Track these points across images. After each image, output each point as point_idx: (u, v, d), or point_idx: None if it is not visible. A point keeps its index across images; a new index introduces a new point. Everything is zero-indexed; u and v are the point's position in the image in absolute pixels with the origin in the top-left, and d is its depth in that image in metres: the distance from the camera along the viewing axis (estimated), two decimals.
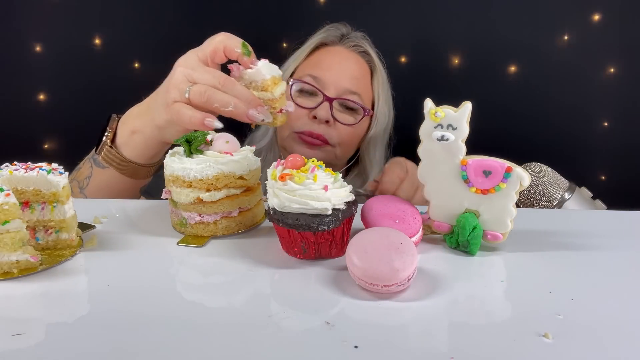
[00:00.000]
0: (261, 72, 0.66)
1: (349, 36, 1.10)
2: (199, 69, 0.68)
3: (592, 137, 1.35)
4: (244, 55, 0.66)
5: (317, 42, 1.08)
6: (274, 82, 0.67)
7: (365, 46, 1.09)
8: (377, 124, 1.08)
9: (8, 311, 0.44)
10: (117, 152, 0.78)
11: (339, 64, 1.04)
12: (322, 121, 1.00)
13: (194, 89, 0.66)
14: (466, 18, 1.30)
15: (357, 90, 1.03)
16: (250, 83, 0.67)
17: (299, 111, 1.01)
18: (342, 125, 1.02)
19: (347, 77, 1.03)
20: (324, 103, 0.99)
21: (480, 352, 0.38)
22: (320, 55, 1.07)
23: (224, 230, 0.61)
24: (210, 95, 0.65)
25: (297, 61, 1.08)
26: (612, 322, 0.42)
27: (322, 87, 1.01)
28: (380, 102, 1.08)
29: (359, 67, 1.06)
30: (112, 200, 0.76)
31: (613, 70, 1.30)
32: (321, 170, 0.54)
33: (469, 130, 0.53)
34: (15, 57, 1.34)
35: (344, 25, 1.12)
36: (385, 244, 0.47)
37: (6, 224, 0.48)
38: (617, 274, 0.51)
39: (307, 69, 1.05)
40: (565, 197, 0.87)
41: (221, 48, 0.68)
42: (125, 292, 0.48)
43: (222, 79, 0.66)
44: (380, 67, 1.10)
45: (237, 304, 0.45)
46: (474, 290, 0.48)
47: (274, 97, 0.67)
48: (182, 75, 0.68)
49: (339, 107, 1.03)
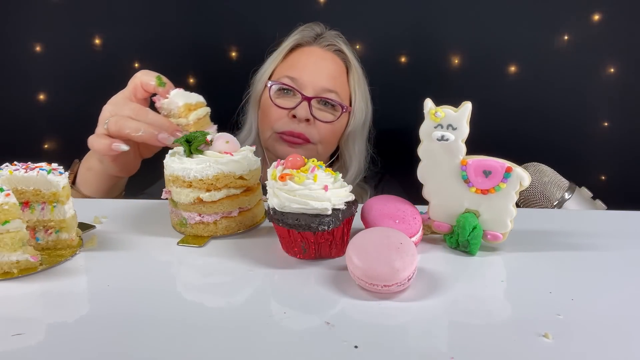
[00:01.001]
0: (174, 101, 0.74)
1: (323, 35, 1.12)
2: (120, 104, 0.76)
3: (592, 137, 1.34)
4: (158, 87, 0.74)
5: (293, 44, 1.10)
6: (188, 108, 0.74)
7: (339, 45, 1.11)
8: (354, 119, 1.11)
9: (8, 311, 0.44)
10: (78, 191, 0.84)
11: (314, 64, 1.06)
12: (301, 120, 1.01)
13: (110, 120, 0.74)
14: (466, 18, 1.30)
15: (334, 89, 1.05)
16: (170, 111, 0.75)
17: (279, 112, 1.03)
18: (322, 123, 1.04)
19: (323, 76, 1.05)
20: (303, 102, 1.01)
21: (480, 352, 0.38)
22: (296, 56, 1.09)
23: (224, 230, 0.61)
24: (122, 124, 0.72)
25: (274, 63, 1.10)
26: (612, 322, 0.42)
27: (300, 87, 1.03)
28: (357, 98, 1.10)
29: (335, 66, 1.09)
30: (112, 200, 0.76)
31: (613, 70, 1.30)
32: (321, 170, 0.54)
33: (469, 130, 0.53)
34: (15, 57, 1.34)
35: (318, 24, 1.14)
36: (385, 244, 0.47)
37: (6, 224, 0.48)
38: (617, 274, 0.51)
39: (284, 71, 1.07)
40: (565, 197, 0.87)
41: (139, 84, 0.75)
42: (125, 292, 0.48)
43: (136, 109, 0.74)
44: (356, 64, 1.12)
45: (237, 304, 0.45)
46: (474, 290, 0.48)
47: (188, 122, 0.75)
48: (107, 112, 0.76)
49: (318, 105, 1.05)
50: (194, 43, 1.34)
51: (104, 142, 0.73)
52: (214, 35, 1.34)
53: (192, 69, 1.36)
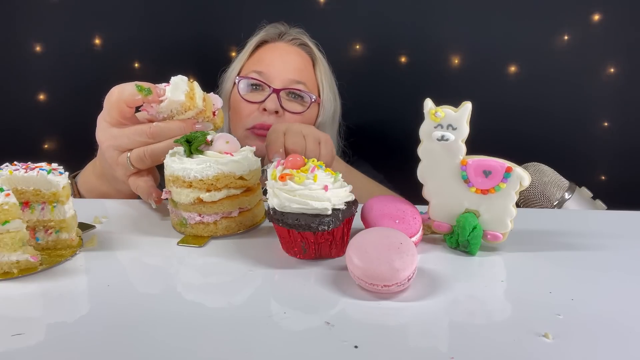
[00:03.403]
0: (174, 100, 0.64)
1: (287, 32, 1.15)
2: (120, 136, 0.66)
3: (592, 137, 1.35)
4: (147, 97, 0.64)
5: (258, 41, 1.13)
6: (190, 96, 0.65)
7: (304, 39, 1.14)
8: (324, 110, 1.13)
9: (8, 311, 0.44)
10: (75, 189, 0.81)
11: (280, 57, 1.09)
12: (271, 112, 1.03)
13: (132, 158, 0.66)
14: (466, 18, 1.30)
15: (301, 80, 1.07)
16: (171, 111, 0.66)
17: (249, 107, 1.05)
18: (292, 115, 1.06)
19: (290, 69, 1.07)
20: (272, 95, 1.03)
21: (480, 352, 0.38)
22: (262, 52, 1.12)
23: (224, 230, 0.61)
24: (151, 154, 0.65)
25: (241, 61, 1.12)
26: (612, 322, 0.42)
27: (268, 80, 1.05)
28: (325, 90, 1.13)
29: (300, 59, 1.11)
30: (112, 200, 0.76)
31: (613, 70, 1.30)
32: (321, 170, 0.54)
33: (469, 130, 0.53)
34: (15, 57, 1.34)
35: (282, 24, 1.17)
36: (385, 244, 0.47)
37: (6, 224, 0.48)
38: (617, 274, 0.51)
39: (251, 66, 1.09)
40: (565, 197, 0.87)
41: (123, 105, 0.65)
42: (125, 292, 0.48)
43: (147, 132, 0.65)
44: (321, 56, 1.15)
45: (237, 304, 0.45)
46: (474, 290, 0.48)
47: (200, 108, 0.66)
48: (112, 150, 0.67)
49: (287, 96, 1.07)
50: (194, 43, 1.34)
51: (146, 190, 0.67)
52: (214, 35, 1.34)
53: (192, 69, 1.36)
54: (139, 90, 0.63)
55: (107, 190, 0.78)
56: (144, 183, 0.68)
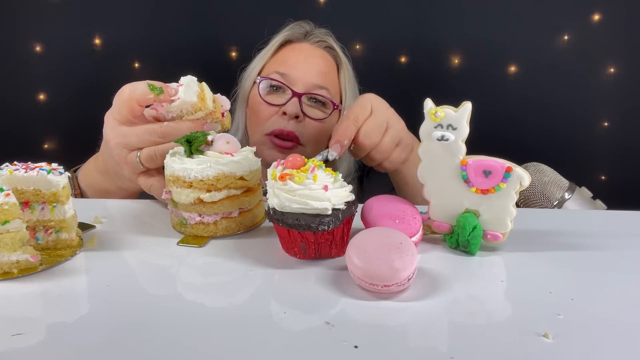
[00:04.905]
0: (186, 101, 0.64)
1: (313, 32, 1.11)
2: (130, 134, 0.65)
3: (592, 137, 1.35)
4: (158, 96, 0.63)
5: (282, 40, 1.08)
6: (201, 97, 0.65)
7: (330, 41, 1.10)
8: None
9: (8, 311, 0.44)
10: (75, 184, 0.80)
11: (305, 60, 1.05)
12: (291, 117, 0.99)
13: (143, 157, 0.65)
14: (466, 18, 1.30)
15: (324, 85, 1.03)
16: (181, 111, 0.65)
17: (269, 109, 1.01)
18: (312, 121, 1.02)
19: (314, 73, 1.03)
20: (293, 99, 0.99)
21: (480, 352, 0.38)
22: (286, 52, 1.07)
23: (224, 230, 0.61)
24: (162, 154, 0.64)
25: (264, 60, 1.08)
26: (612, 322, 0.42)
27: (290, 83, 1.01)
28: (348, 97, 1.09)
29: (325, 62, 1.07)
30: (112, 200, 0.76)
31: (613, 70, 1.30)
32: (321, 170, 0.54)
33: (469, 130, 0.53)
34: (15, 57, 1.34)
35: (307, 22, 1.12)
36: (385, 244, 0.47)
37: (6, 224, 0.48)
38: (617, 274, 0.51)
39: (273, 66, 1.05)
40: (565, 197, 0.87)
41: (134, 104, 0.64)
42: (125, 292, 0.48)
43: (158, 132, 0.64)
44: (346, 61, 1.11)
45: (237, 304, 0.45)
46: (474, 290, 0.48)
47: (210, 109, 0.66)
48: (120, 148, 0.66)
49: (308, 102, 1.03)
50: (194, 43, 1.34)
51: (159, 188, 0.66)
52: (214, 35, 1.34)
53: (192, 69, 1.35)
54: (151, 89, 0.63)
55: (108, 187, 0.77)
56: (157, 182, 0.67)
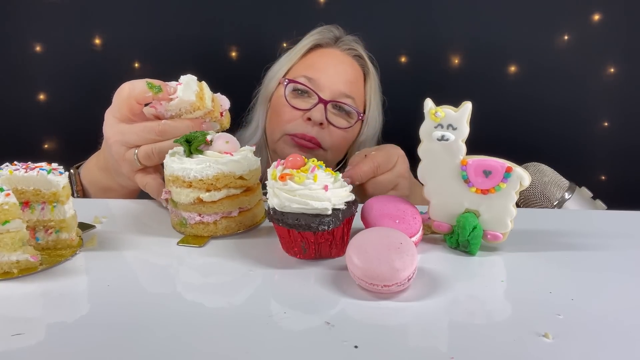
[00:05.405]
0: (185, 100, 0.64)
1: (343, 39, 1.10)
2: (128, 132, 0.66)
3: (592, 137, 1.35)
4: (157, 94, 0.64)
5: (312, 43, 1.07)
6: (200, 96, 0.65)
7: (359, 50, 1.09)
8: (367, 128, 1.08)
9: (8, 311, 0.44)
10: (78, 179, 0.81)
11: (334, 67, 1.04)
12: (315, 123, 0.98)
13: (140, 154, 0.66)
14: (466, 18, 1.30)
15: (351, 94, 1.03)
16: (180, 110, 0.66)
17: (293, 113, 1.00)
18: (335, 129, 1.01)
19: (342, 81, 1.02)
20: (319, 105, 0.99)
21: (480, 352, 0.38)
22: (315, 56, 1.06)
23: (224, 230, 0.61)
24: (159, 152, 0.65)
25: (292, 62, 1.07)
26: (612, 322, 0.42)
27: (317, 88, 1.00)
28: (372, 107, 1.08)
29: (353, 71, 1.06)
30: (112, 200, 0.76)
31: (613, 70, 1.30)
32: (321, 170, 0.54)
33: (469, 130, 0.53)
34: (15, 57, 1.34)
35: (337, 27, 1.11)
36: (385, 244, 0.47)
37: (6, 224, 0.48)
38: (617, 274, 0.51)
39: (301, 70, 1.04)
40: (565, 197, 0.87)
41: (133, 102, 0.66)
42: (125, 292, 0.48)
43: (156, 129, 0.65)
44: (374, 71, 1.10)
45: (237, 304, 0.45)
46: (474, 290, 0.48)
47: (209, 108, 0.66)
48: (119, 145, 0.67)
49: (333, 109, 1.02)
50: (194, 43, 1.34)
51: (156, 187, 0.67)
52: (214, 35, 1.34)
53: (192, 69, 1.35)
54: (150, 88, 0.64)
55: (109, 184, 0.77)
56: (153, 181, 0.68)
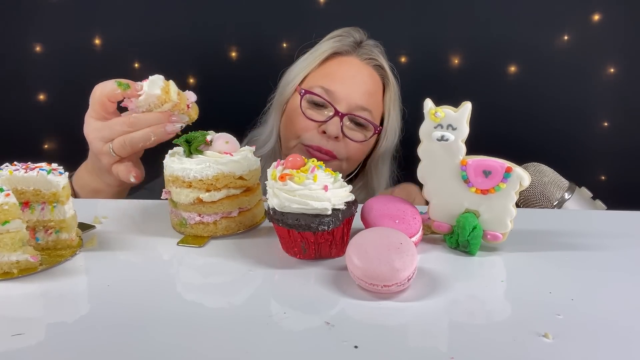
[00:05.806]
0: (150, 94, 0.70)
1: (363, 45, 1.06)
2: (103, 128, 0.72)
3: (592, 137, 1.35)
4: (125, 91, 0.70)
5: (331, 51, 1.03)
6: (165, 90, 0.70)
7: (380, 59, 1.05)
8: (386, 140, 1.05)
9: (8, 311, 0.44)
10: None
11: (352, 78, 1.00)
12: (331, 137, 0.97)
13: (114, 145, 0.72)
14: (466, 18, 1.30)
15: (368, 107, 1.00)
16: (149, 105, 0.71)
17: (308, 123, 0.98)
18: (351, 142, 0.99)
19: (360, 93, 0.99)
20: (335, 118, 0.96)
21: (480, 352, 0.38)
22: (333, 65, 1.02)
23: (223, 230, 0.61)
24: (130, 142, 0.70)
25: (309, 68, 1.03)
26: (612, 322, 0.42)
27: (334, 100, 0.97)
28: (391, 119, 1.05)
29: (372, 82, 1.02)
30: (112, 200, 0.76)
31: (613, 70, 1.30)
32: (321, 170, 0.54)
33: (469, 130, 0.53)
34: (15, 57, 1.34)
35: (357, 30, 1.07)
36: (385, 244, 0.47)
37: (6, 224, 0.48)
38: (617, 274, 0.51)
39: (318, 79, 1.01)
40: (565, 197, 0.87)
41: (105, 100, 0.71)
42: (125, 292, 0.48)
43: (127, 122, 0.70)
44: (394, 81, 1.06)
45: (237, 304, 0.45)
46: (474, 290, 0.48)
47: (175, 101, 0.71)
48: (97, 141, 0.73)
49: (349, 123, 1.00)
50: (194, 43, 1.34)
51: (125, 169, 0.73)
52: (214, 35, 1.34)
53: (192, 69, 1.36)
54: (119, 85, 0.70)
55: (97, 186, 0.80)
56: (123, 167, 0.74)
